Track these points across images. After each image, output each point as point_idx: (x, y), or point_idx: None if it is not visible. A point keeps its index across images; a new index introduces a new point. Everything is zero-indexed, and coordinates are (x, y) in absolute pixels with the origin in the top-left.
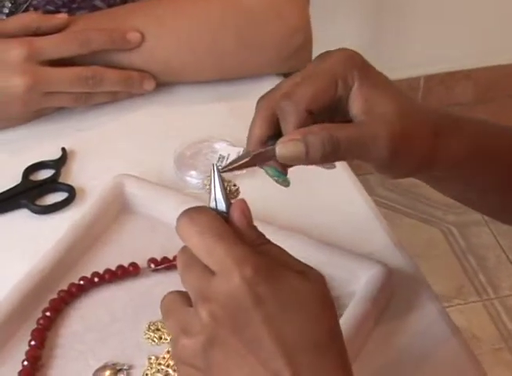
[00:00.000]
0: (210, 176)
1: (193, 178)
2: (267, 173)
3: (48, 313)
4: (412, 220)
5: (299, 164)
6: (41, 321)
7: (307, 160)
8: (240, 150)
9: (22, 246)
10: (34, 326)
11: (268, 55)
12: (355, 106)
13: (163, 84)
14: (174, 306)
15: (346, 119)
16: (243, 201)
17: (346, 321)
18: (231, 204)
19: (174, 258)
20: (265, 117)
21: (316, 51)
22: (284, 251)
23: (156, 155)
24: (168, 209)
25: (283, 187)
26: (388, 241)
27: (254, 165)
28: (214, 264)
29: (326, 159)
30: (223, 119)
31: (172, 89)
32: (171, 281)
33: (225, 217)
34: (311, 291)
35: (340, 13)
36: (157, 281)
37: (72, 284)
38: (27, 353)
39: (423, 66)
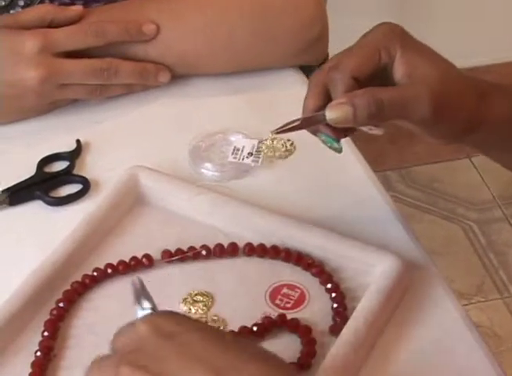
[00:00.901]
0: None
1: (208, 170)
2: (320, 139)
3: (61, 304)
4: (432, 217)
5: (348, 125)
6: (55, 312)
7: (355, 121)
8: (255, 143)
9: (36, 237)
10: (48, 316)
11: (285, 47)
12: (399, 71)
13: (178, 76)
14: None
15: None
16: None
17: (359, 314)
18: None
19: (188, 249)
20: (317, 89)
21: (332, 43)
22: None
23: (171, 147)
24: (182, 201)
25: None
26: (404, 234)
27: (304, 128)
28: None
29: (373, 119)
30: (239, 111)
31: (187, 81)
32: (185, 273)
33: None
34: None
35: (357, 6)
36: (171, 273)
37: (85, 276)
38: (40, 344)
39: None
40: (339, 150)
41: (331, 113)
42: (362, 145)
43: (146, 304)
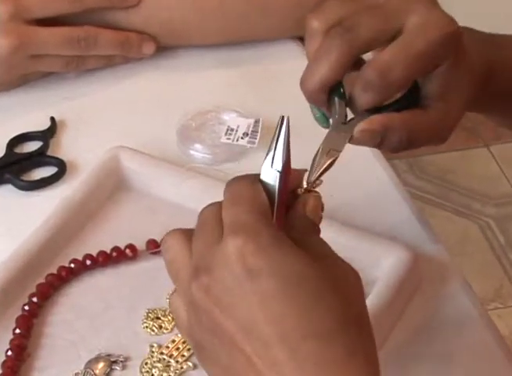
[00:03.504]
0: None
1: (198, 152)
2: (313, 112)
3: (34, 299)
4: (445, 212)
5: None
6: (27, 307)
7: (378, 148)
8: (251, 122)
9: (6, 225)
10: (19, 313)
11: (282, 16)
12: (434, 84)
13: (164, 47)
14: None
15: None
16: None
17: None
18: (289, 165)
19: None
20: (342, 61)
21: None
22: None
23: (157, 126)
24: (170, 186)
25: None
26: (415, 224)
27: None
28: (224, 229)
29: (396, 151)
30: (232, 87)
31: (175, 53)
32: None
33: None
34: (317, 270)
35: None
36: (156, 265)
37: (62, 268)
38: (11, 342)
39: None
40: (325, 126)
41: (360, 138)
42: None
43: (278, 161)
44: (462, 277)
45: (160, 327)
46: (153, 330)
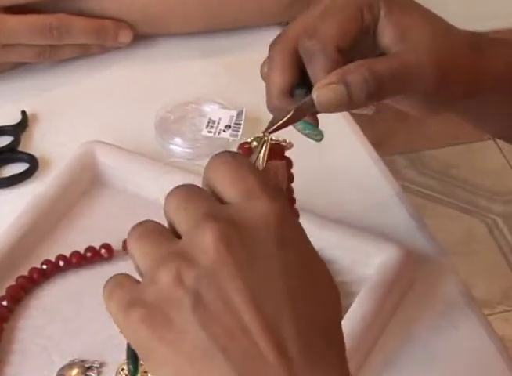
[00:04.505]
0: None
1: (178, 146)
2: (296, 127)
3: (4, 303)
4: (448, 210)
5: (342, 109)
6: None
7: (351, 103)
8: (234, 114)
9: None
10: None
11: (267, 1)
12: (386, 34)
13: (142, 35)
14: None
15: (375, 54)
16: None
17: (355, 312)
18: None
19: None
20: (285, 62)
21: None
22: None
23: (135, 119)
24: (148, 182)
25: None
26: (408, 219)
27: (298, 120)
28: (239, 191)
29: (372, 98)
30: (214, 77)
31: (154, 42)
32: None
33: None
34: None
35: None
36: (133, 266)
37: (33, 269)
38: None
39: (467, 23)
40: (320, 138)
41: (321, 97)
42: (362, 124)
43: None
44: (458, 277)
45: None
46: None
